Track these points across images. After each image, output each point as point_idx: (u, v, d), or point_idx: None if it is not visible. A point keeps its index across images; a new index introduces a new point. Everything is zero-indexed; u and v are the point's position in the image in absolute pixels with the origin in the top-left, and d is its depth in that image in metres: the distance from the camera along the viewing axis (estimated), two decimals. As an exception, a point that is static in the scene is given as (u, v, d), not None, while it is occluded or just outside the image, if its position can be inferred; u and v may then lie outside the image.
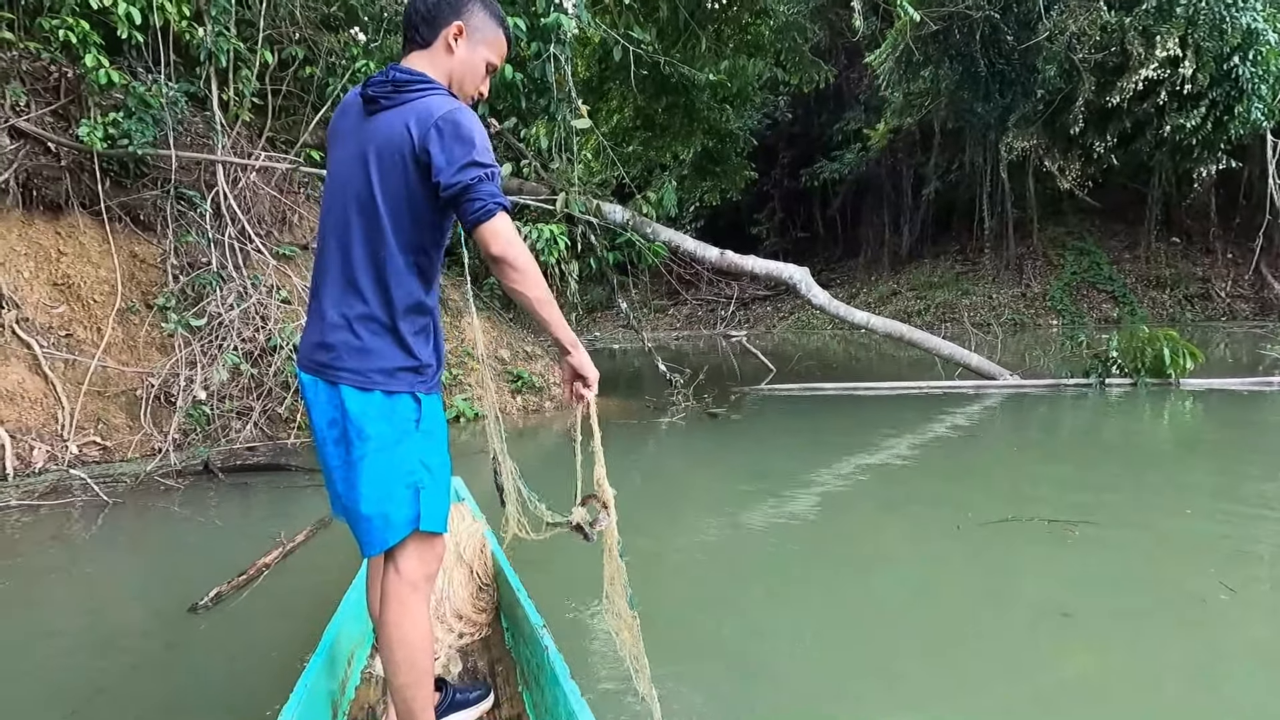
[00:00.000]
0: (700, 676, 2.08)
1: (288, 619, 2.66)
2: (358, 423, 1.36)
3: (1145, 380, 6.79)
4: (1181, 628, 2.35)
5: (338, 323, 1.39)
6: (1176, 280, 15.83)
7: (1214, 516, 3.41)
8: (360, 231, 1.38)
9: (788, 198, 22.12)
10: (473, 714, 1.72)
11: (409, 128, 1.34)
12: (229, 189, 5.75)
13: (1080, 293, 16.42)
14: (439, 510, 1.43)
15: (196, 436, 5.08)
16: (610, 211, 7.20)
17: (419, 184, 1.35)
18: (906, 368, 9.27)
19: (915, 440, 5.40)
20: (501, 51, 1.53)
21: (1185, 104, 9.81)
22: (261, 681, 2.19)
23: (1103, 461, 4.76)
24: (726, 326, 19.25)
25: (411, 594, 1.41)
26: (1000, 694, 2.01)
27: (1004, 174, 16.27)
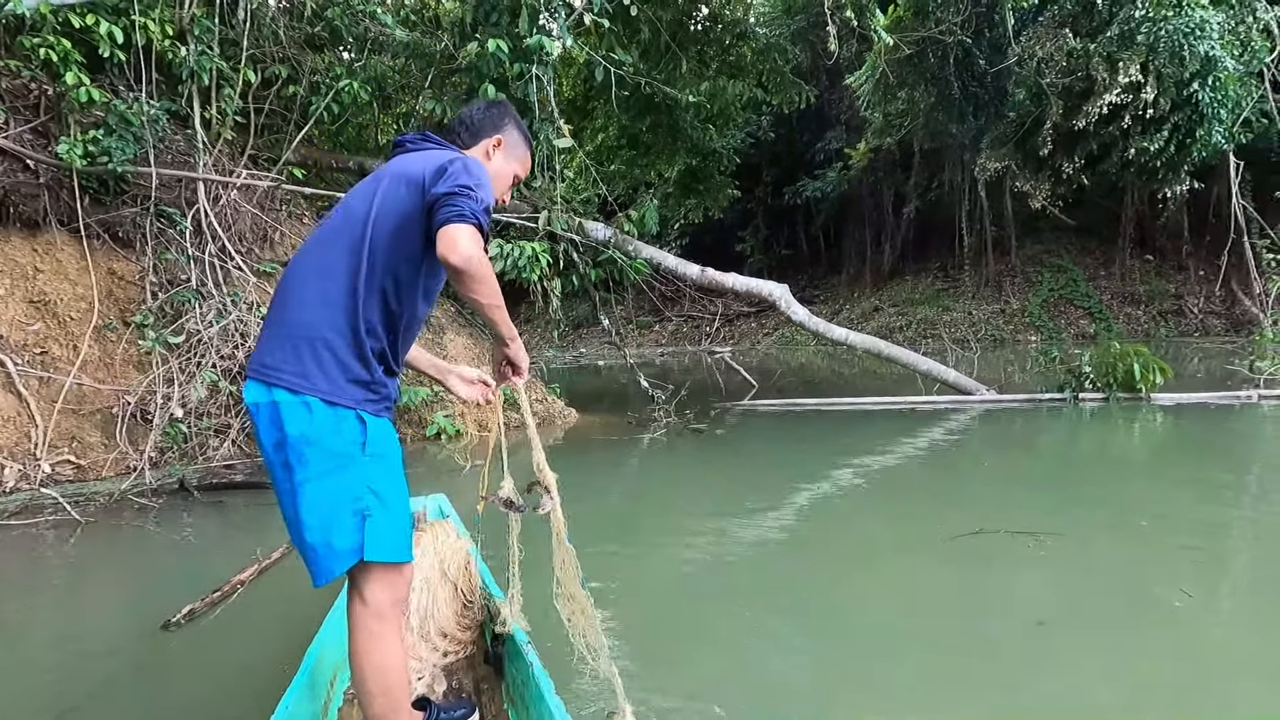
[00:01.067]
0: (679, 689, 2.10)
1: (263, 637, 2.65)
2: (297, 442, 1.32)
3: (1117, 395, 6.93)
4: (1149, 634, 2.40)
5: (292, 327, 1.38)
6: (1151, 297, 16.16)
7: (1180, 526, 3.49)
8: (343, 246, 1.41)
9: (771, 215, 22.40)
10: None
11: (425, 163, 1.43)
12: (210, 206, 5.76)
13: (1058, 309, 16.71)
14: (391, 539, 1.38)
15: (173, 455, 5.04)
16: (592, 229, 7.27)
17: (415, 213, 1.39)
18: (891, 384, 9.37)
19: (894, 455, 5.47)
20: (527, 167, 1.76)
21: (1148, 127, 10.14)
22: (235, 698, 2.19)
23: (1073, 474, 4.85)
24: (711, 343, 19.36)
25: (379, 623, 1.38)
26: (977, 701, 2.04)
27: (982, 193, 16.61)
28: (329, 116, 6.71)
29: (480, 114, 1.70)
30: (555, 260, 6.91)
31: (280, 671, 2.32)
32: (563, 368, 14.23)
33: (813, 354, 16.39)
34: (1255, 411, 6.48)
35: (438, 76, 7.57)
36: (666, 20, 8.91)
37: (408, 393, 5.99)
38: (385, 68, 7.54)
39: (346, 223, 1.43)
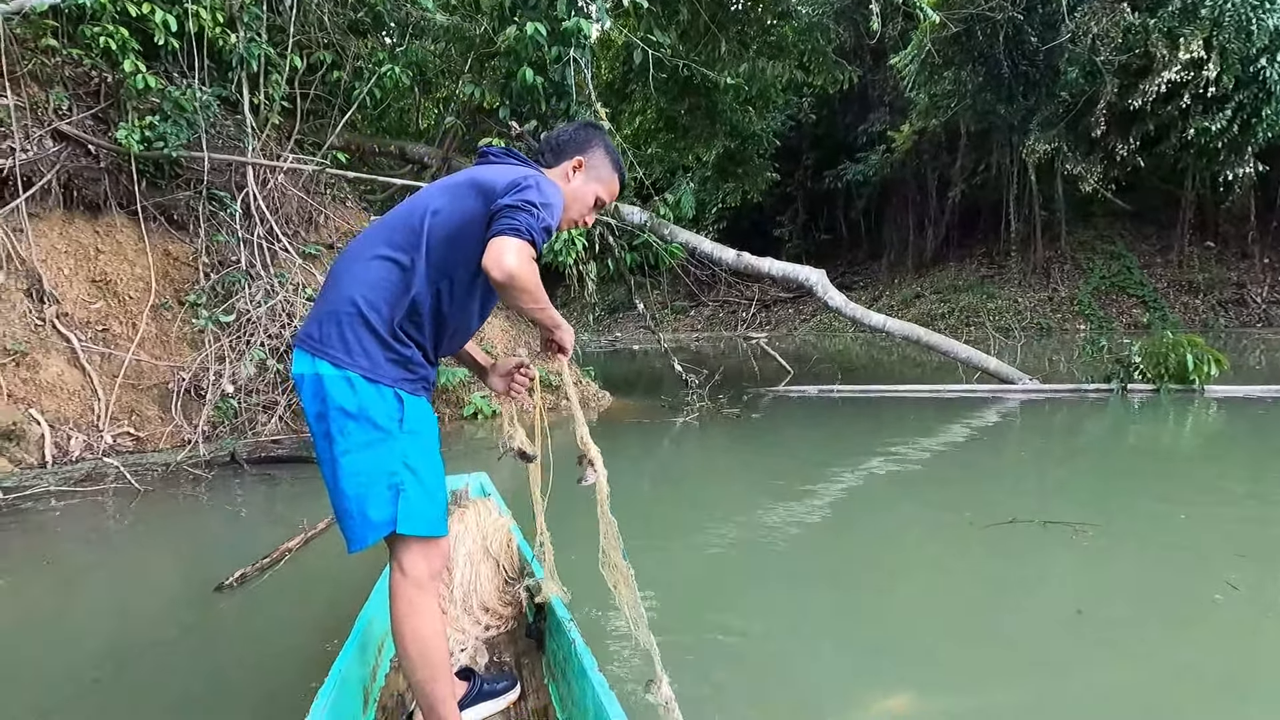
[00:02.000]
0: (714, 672, 2.12)
1: (307, 601, 2.79)
2: (338, 415, 1.37)
3: (1168, 387, 6.68)
4: (1190, 626, 2.35)
5: (340, 304, 1.42)
6: (1210, 285, 15.46)
7: (1225, 521, 3.37)
8: (402, 235, 1.44)
9: (811, 199, 22.02)
10: (500, 704, 1.76)
11: (501, 175, 1.46)
12: (258, 190, 5.94)
13: (1109, 297, 16.11)
14: (425, 513, 1.43)
15: (224, 429, 5.26)
16: (629, 213, 7.28)
17: (479, 219, 1.41)
18: (931, 372, 9.20)
19: (930, 443, 5.39)
20: (613, 191, 1.71)
21: (1210, 106, 9.61)
22: (282, 657, 2.32)
23: (1114, 466, 4.72)
24: (747, 328, 19.23)
25: (417, 593, 1.43)
26: (1017, 688, 2.03)
27: (1032, 176, 16.05)
28: (371, 101, 6.83)
29: (566, 135, 1.68)
30: (591, 244, 6.95)
31: (324, 634, 2.45)
32: (598, 352, 14.31)
33: (851, 341, 16.14)
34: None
35: (477, 61, 7.64)
36: (706, 0, 8.80)
37: (445, 374, 6.13)
38: (426, 52, 7.63)
39: (411, 214, 1.47)
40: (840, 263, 22.11)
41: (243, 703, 2.08)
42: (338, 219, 6.84)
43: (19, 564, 3.25)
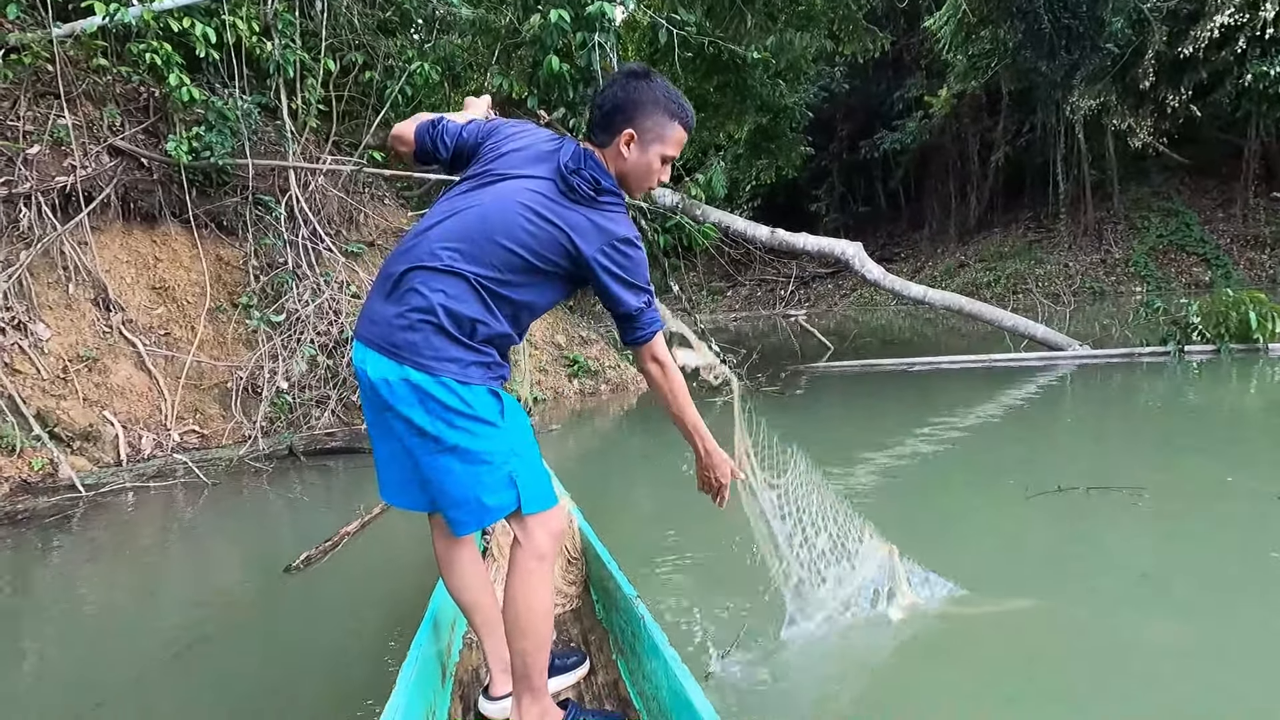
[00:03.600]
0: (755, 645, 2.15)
1: (366, 581, 2.98)
2: (442, 413, 1.41)
3: (1230, 347, 6.39)
4: (1248, 588, 2.30)
5: (420, 313, 1.42)
6: (1277, 239, 14.61)
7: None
8: (480, 253, 1.44)
9: (847, 171, 21.57)
10: (572, 678, 1.82)
11: (582, 235, 1.45)
12: (300, 192, 6.14)
13: (1167, 256, 15.37)
14: (540, 490, 1.50)
15: (281, 424, 5.50)
16: (660, 195, 7.28)
17: (553, 270, 1.47)
18: (977, 342, 8.98)
19: (977, 414, 5.30)
20: (679, 140, 1.56)
21: (1269, 49, 8.99)
22: (347, 632, 2.47)
23: (1167, 430, 4.57)
24: (786, 306, 19.01)
25: (538, 564, 1.48)
26: (1085, 646, 2.04)
27: (1080, 134, 15.35)
28: (403, 99, 6.96)
29: (610, 102, 1.52)
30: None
31: (384, 610, 2.60)
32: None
33: (893, 314, 15.83)
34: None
35: (504, 51, 7.69)
36: (730, -26, 8.66)
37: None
38: (453, 47, 7.72)
39: (490, 238, 1.44)
40: (880, 234, 21.63)
41: (318, 675, 2.21)
42: (377, 216, 7.02)
43: (103, 553, 3.49)
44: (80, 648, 2.52)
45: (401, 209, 7.55)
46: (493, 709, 1.66)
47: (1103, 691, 1.85)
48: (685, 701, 1.35)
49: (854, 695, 1.98)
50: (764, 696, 1.92)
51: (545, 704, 1.53)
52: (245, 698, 2.13)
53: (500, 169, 1.53)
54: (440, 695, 1.71)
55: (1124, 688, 1.87)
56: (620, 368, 7.32)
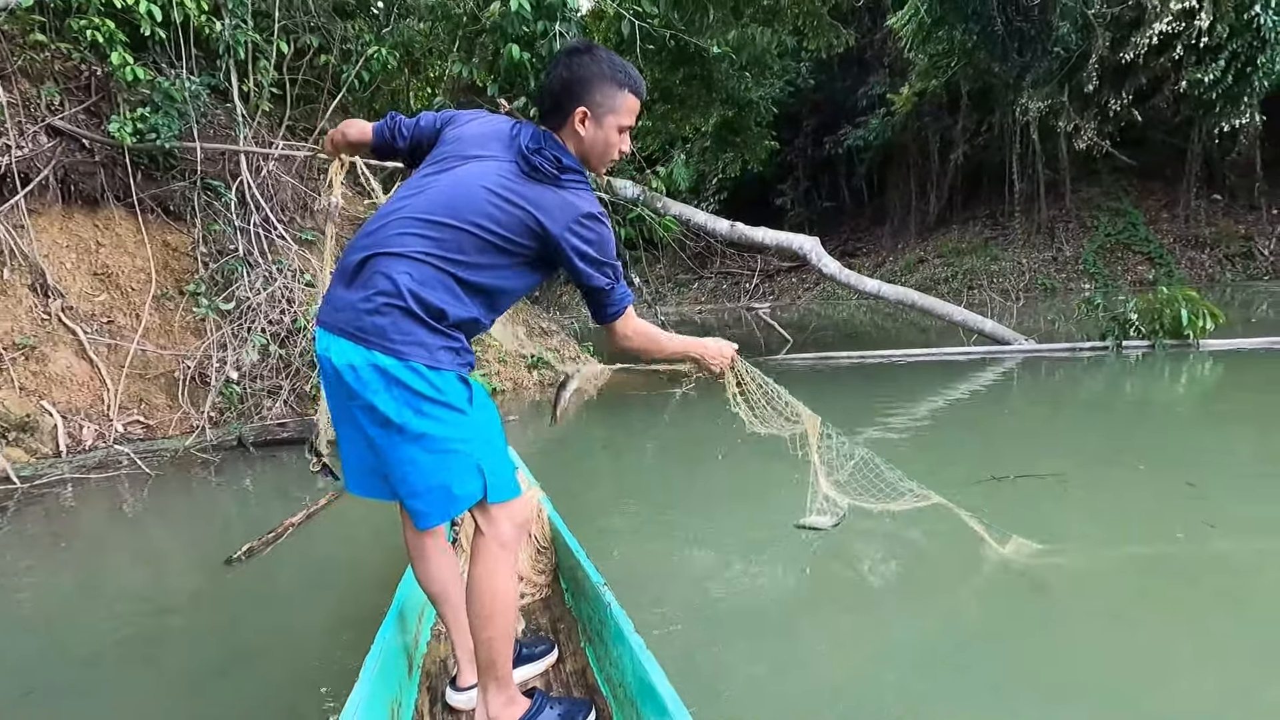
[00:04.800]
0: (726, 639, 2.21)
1: (311, 572, 2.95)
2: (411, 399, 1.39)
3: (1164, 342, 6.69)
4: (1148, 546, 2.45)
5: (386, 296, 1.40)
6: (1217, 239, 15.27)
7: (1192, 470, 3.46)
8: (449, 236, 1.43)
9: (812, 166, 21.80)
10: (540, 667, 1.85)
11: (551, 214, 1.45)
12: (252, 178, 6.00)
13: (1115, 255, 15.96)
14: (506, 479, 1.50)
15: (231, 414, 5.40)
16: (621, 187, 7.30)
17: (519, 252, 1.47)
18: (935, 336, 9.21)
19: (925, 405, 5.46)
20: (632, 109, 1.56)
21: (1203, 57, 9.39)
22: (289, 622, 2.46)
23: (1095, 420, 4.80)
24: (750, 299, 19.20)
25: (502, 553, 1.48)
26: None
27: (1034, 135, 15.80)
28: (360, 84, 6.84)
29: (557, 83, 1.53)
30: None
31: (337, 601, 2.60)
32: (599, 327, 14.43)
33: (854, 308, 16.11)
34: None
35: (465, 38, 7.60)
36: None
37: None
38: (413, 32, 7.60)
39: (457, 221, 1.43)
40: (844, 229, 21.96)
41: (268, 667, 2.19)
42: (333, 204, 6.90)
43: (38, 546, 3.41)
44: (9, 638, 2.47)
45: (359, 196, 7.43)
46: (460, 699, 1.67)
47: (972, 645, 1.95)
48: (649, 687, 1.38)
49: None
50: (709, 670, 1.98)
51: (511, 693, 1.54)
52: (187, 688, 2.11)
53: (461, 152, 1.54)
54: (406, 687, 1.71)
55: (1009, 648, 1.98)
56: (581, 359, 7.34)
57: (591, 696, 1.69)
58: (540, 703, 1.56)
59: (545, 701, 1.57)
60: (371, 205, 7.30)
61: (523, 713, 1.53)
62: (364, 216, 7.10)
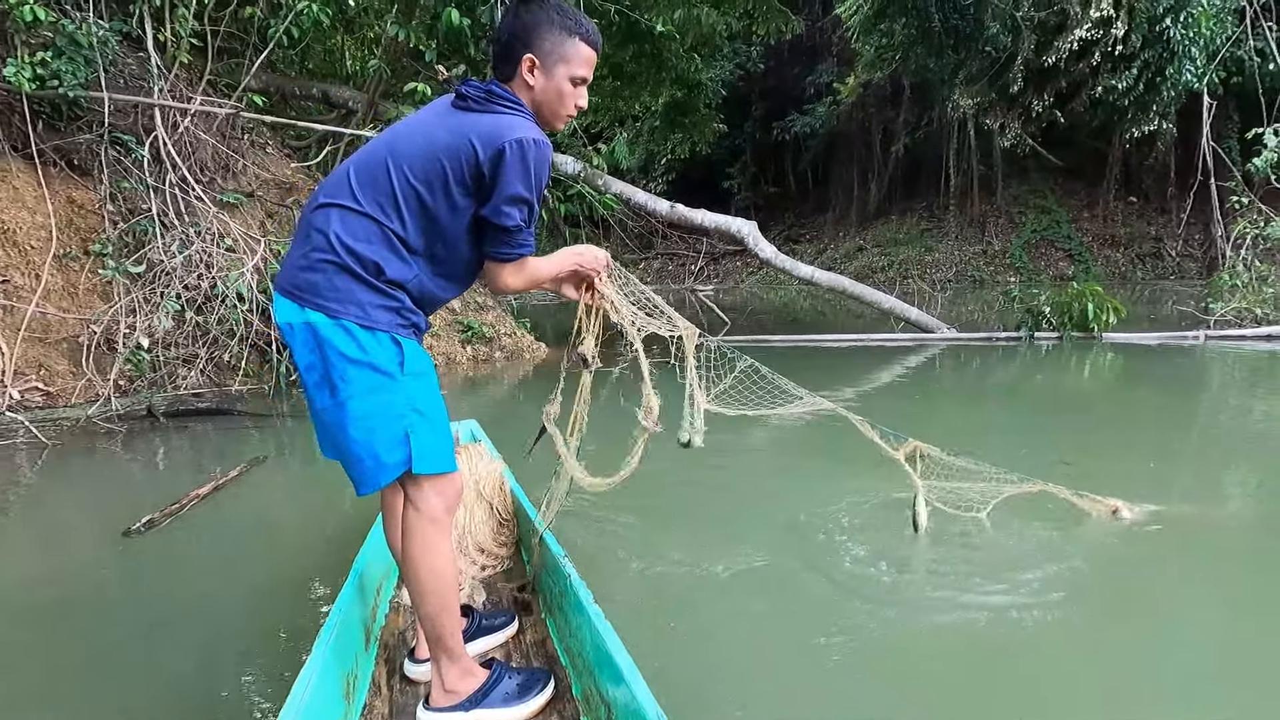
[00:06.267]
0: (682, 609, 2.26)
1: (218, 545, 2.88)
2: (338, 362, 1.38)
3: (1071, 334, 7.11)
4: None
5: (324, 252, 1.39)
6: (1131, 239, 16.22)
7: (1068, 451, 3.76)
8: (384, 190, 1.40)
9: (760, 151, 21.99)
10: (499, 638, 1.85)
11: (481, 142, 1.40)
12: (167, 134, 5.67)
13: (1039, 250, 16.76)
14: (437, 451, 1.45)
15: (142, 383, 5.15)
16: (561, 163, 7.22)
17: (456, 188, 1.41)
18: (870, 322, 9.50)
19: (856, 388, 5.67)
20: (585, 58, 1.50)
21: (1118, 65, 9.92)
22: (195, 597, 2.40)
23: (998, 408, 5.13)
24: (694, 281, 19.35)
25: (433, 528, 1.45)
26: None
27: (970, 131, 16.37)
28: (289, 41, 6.52)
29: (505, 32, 1.50)
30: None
31: (251, 568, 2.56)
32: (539, 304, 14.29)
33: (794, 294, 16.43)
34: (1203, 352, 6.69)
35: (404, 0, 7.33)
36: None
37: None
38: (347, -11, 7.27)
39: (392, 165, 1.41)
40: (788, 215, 22.31)
41: (183, 642, 2.13)
42: (258, 167, 6.60)
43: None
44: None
45: (287, 159, 7.13)
46: (417, 671, 1.67)
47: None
48: (607, 656, 1.40)
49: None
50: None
51: (465, 664, 1.53)
52: (97, 660, 2.04)
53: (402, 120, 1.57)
54: (364, 659, 1.69)
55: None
56: (516, 335, 7.28)
57: (551, 666, 1.70)
58: (499, 673, 1.55)
59: (504, 672, 1.57)
60: (304, 170, 7.01)
61: (480, 683, 1.52)
62: (293, 180, 6.83)
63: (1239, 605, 2.25)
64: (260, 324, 5.52)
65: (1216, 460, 3.89)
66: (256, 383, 5.55)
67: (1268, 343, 6.95)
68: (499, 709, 1.51)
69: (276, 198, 6.57)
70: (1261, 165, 8.08)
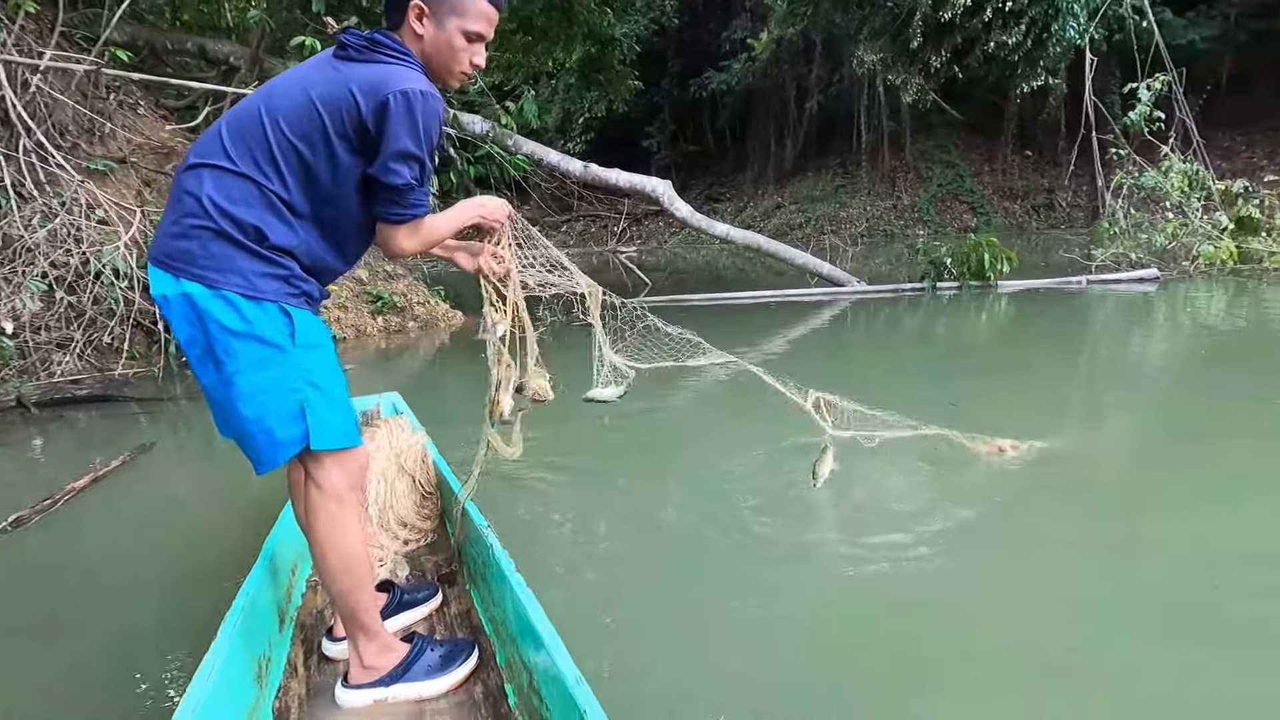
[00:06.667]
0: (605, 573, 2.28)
1: (113, 537, 2.73)
2: (221, 335, 1.30)
3: (970, 284, 7.50)
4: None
5: (199, 218, 1.29)
6: (1027, 191, 17.12)
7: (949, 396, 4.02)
8: (261, 150, 1.31)
9: (678, 109, 21.81)
10: (422, 612, 1.81)
11: (363, 95, 1.30)
12: (16, 94, 5.11)
13: (945, 204, 17.47)
14: (336, 425, 1.39)
15: (9, 372, 4.72)
16: (468, 122, 6.95)
17: (338, 143, 1.32)
18: (792, 279, 9.71)
19: (775, 342, 5.83)
20: (480, 12, 1.41)
21: (1008, 21, 10.33)
22: (68, 595, 2.25)
23: (902, 356, 5.42)
24: (617, 243, 19.24)
25: (337, 505, 1.41)
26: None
27: (880, 88, 16.71)
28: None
29: None
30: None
31: (143, 566, 2.43)
32: (453, 271, 14.01)
33: (717, 253, 16.59)
34: (1085, 295, 7.21)
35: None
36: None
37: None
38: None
39: (267, 119, 1.32)
40: (709, 174, 22.36)
41: (74, 639, 2.03)
42: (129, 130, 6.05)
43: None
44: None
45: (163, 121, 6.56)
46: (335, 649, 1.64)
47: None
48: (528, 624, 1.41)
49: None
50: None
51: (383, 640, 1.51)
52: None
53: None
54: (278, 641, 1.66)
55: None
56: (430, 304, 7.06)
57: (475, 636, 1.70)
58: (420, 646, 1.54)
59: (426, 645, 1.55)
60: (182, 132, 6.47)
61: (401, 658, 1.51)
62: (171, 145, 6.30)
63: (1107, 533, 2.46)
64: (143, 302, 5.14)
65: (1094, 397, 4.23)
66: (145, 365, 5.18)
67: (1140, 285, 7.55)
68: (421, 682, 1.51)
69: (153, 164, 6.06)
70: (1136, 119, 8.65)
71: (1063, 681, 1.69)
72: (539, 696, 1.34)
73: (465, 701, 1.50)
